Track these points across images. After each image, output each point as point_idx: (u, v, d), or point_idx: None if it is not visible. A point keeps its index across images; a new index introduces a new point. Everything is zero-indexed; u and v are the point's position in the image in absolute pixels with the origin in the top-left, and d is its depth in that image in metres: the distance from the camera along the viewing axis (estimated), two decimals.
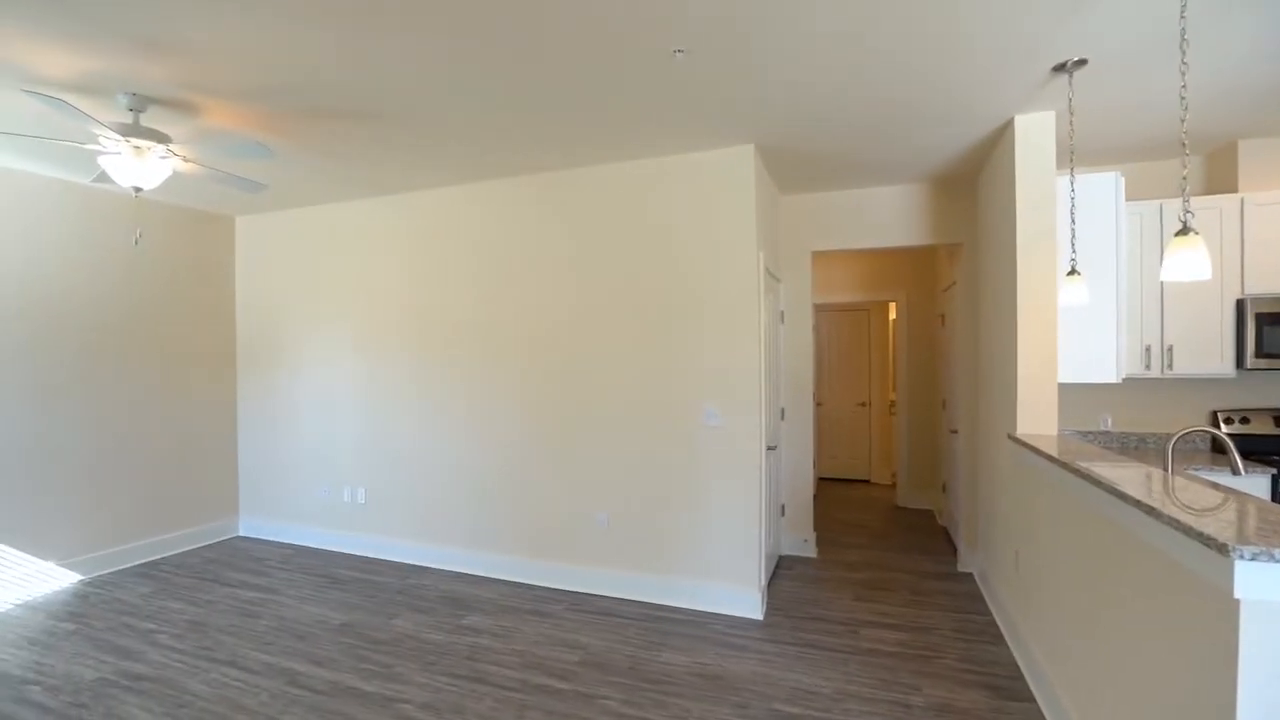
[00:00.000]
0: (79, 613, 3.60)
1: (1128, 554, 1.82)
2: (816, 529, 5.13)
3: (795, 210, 4.62)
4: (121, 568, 4.33)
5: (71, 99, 2.76)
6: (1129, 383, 3.77)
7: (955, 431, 4.61)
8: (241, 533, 5.15)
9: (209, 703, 2.68)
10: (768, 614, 3.58)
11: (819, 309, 7.25)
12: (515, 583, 4.08)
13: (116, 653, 3.12)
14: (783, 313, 4.64)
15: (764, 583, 3.66)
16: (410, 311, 4.48)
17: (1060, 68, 2.54)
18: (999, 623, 3.39)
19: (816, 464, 6.96)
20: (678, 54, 2.48)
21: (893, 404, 7.16)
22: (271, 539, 5.01)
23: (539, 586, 4.02)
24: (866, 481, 7.36)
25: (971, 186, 4.22)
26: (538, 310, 4.08)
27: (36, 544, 3.91)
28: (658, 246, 3.77)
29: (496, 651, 3.14)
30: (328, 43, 2.35)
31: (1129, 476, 1.93)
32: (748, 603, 3.54)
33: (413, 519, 4.47)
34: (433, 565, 4.38)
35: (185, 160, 2.98)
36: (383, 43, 2.36)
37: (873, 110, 3.03)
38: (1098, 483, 1.91)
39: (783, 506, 4.64)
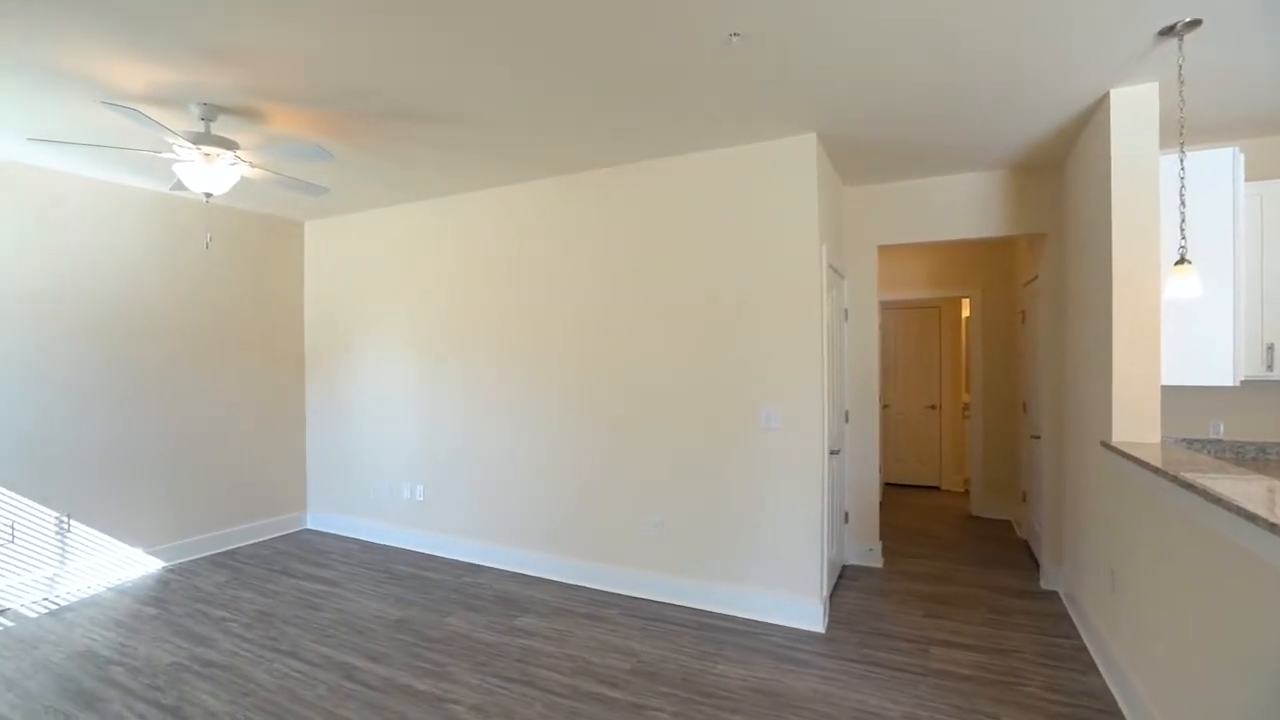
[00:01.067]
0: (161, 598, 3.80)
1: (1250, 580, 1.57)
2: (883, 538, 4.87)
3: (860, 202, 4.39)
4: (200, 556, 4.56)
5: (148, 110, 2.89)
6: (1247, 385, 3.36)
7: (1037, 437, 4.26)
8: (310, 525, 5.35)
9: (271, 693, 2.75)
10: (830, 627, 3.39)
11: (885, 306, 6.92)
12: (569, 584, 4.04)
13: (191, 639, 3.26)
14: (846, 310, 4.42)
15: (826, 593, 3.47)
16: (464, 312, 4.52)
17: (1168, 31, 2.26)
18: (1090, 649, 3.08)
19: (883, 469, 6.65)
20: (734, 38, 2.35)
21: (966, 406, 6.75)
22: (337, 532, 5.17)
23: (592, 589, 3.96)
24: (936, 488, 6.97)
25: (1057, 171, 3.88)
26: (591, 309, 4.02)
27: (126, 532, 4.16)
28: (714, 243, 3.64)
29: (548, 655, 3.10)
30: (383, 46, 2.35)
31: (1251, 491, 1.68)
32: (809, 614, 3.37)
33: (468, 517, 4.51)
34: (487, 564, 4.40)
35: (252, 166, 3.08)
36: (436, 42, 2.34)
37: (949, 94, 2.81)
38: (1213, 498, 1.67)
39: (846, 514, 4.42)
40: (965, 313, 6.92)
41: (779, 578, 3.46)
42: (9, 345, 3.66)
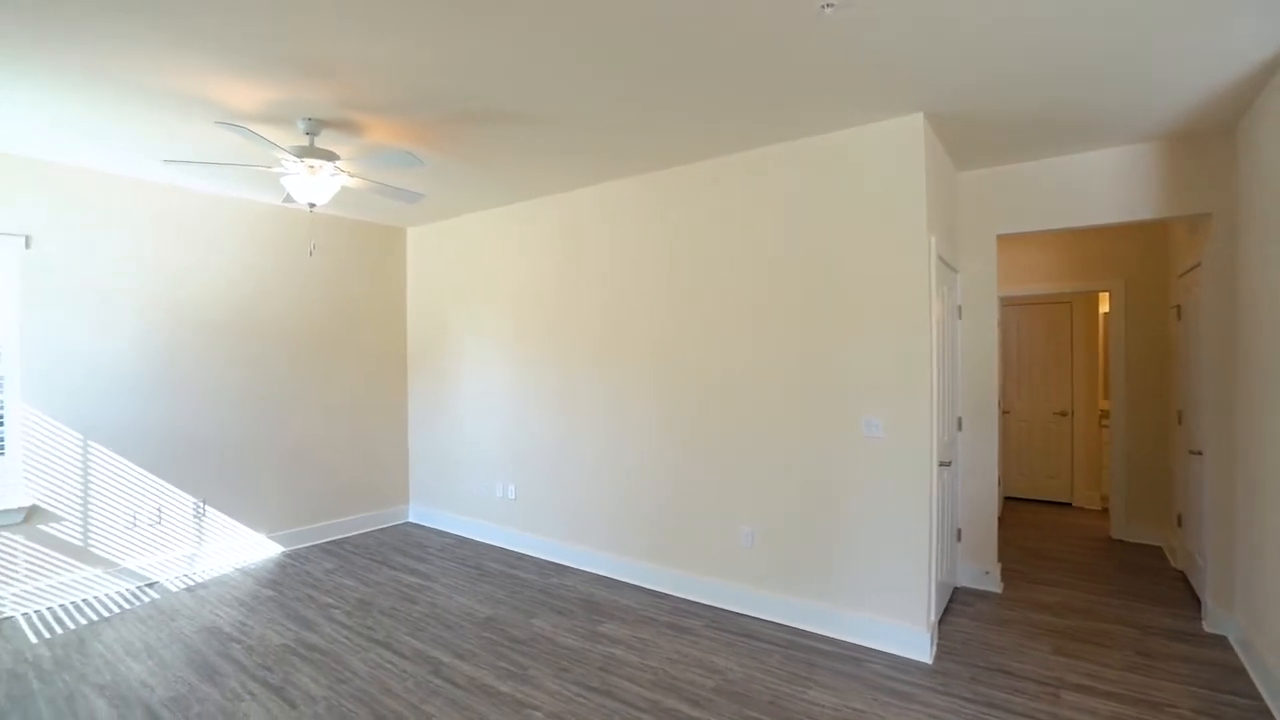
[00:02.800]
0: (277, 581, 4.10)
1: None
2: (1002, 559, 4.39)
3: (976, 188, 3.96)
4: (313, 543, 4.90)
5: (260, 128, 3.09)
6: None
7: (1198, 453, 3.65)
8: (411, 519, 5.61)
9: (364, 682, 2.85)
10: (938, 657, 3.06)
11: (1007, 302, 6.28)
12: (654, 591, 3.94)
13: (299, 623, 3.47)
14: (960, 307, 4.00)
15: (934, 619, 3.14)
16: (553, 313, 4.55)
17: None
18: (1275, 713, 2.56)
19: (1002, 482, 6.04)
20: (825, 9, 2.14)
21: (1104, 414, 5.98)
22: (435, 527, 5.39)
23: (678, 598, 3.84)
24: (1067, 505, 6.23)
25: (1225, 139, 3.29)
26: (682, 310, 3.90)
27: (251, 518, 4.54)
28: (809, 237, 3.40)
29: (630, 665, 3.01)
30: (470, 49, 2.36)
31: None
32: (913, 641, 3.06)
33: (557, 518, 4.53)
34: (574, 565, 4.40)
35: (351, 176, 3.22)
36: (522, 42, 2.31)
37: (1091, 56, 2.42)
38: None
39: (959, 531, 4.01)
40: (1104, 308, 6.14)
41: (880, 598, 3.17)
42: (151, 348, 4.08)
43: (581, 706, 2.65)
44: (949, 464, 3.44)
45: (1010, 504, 6.29)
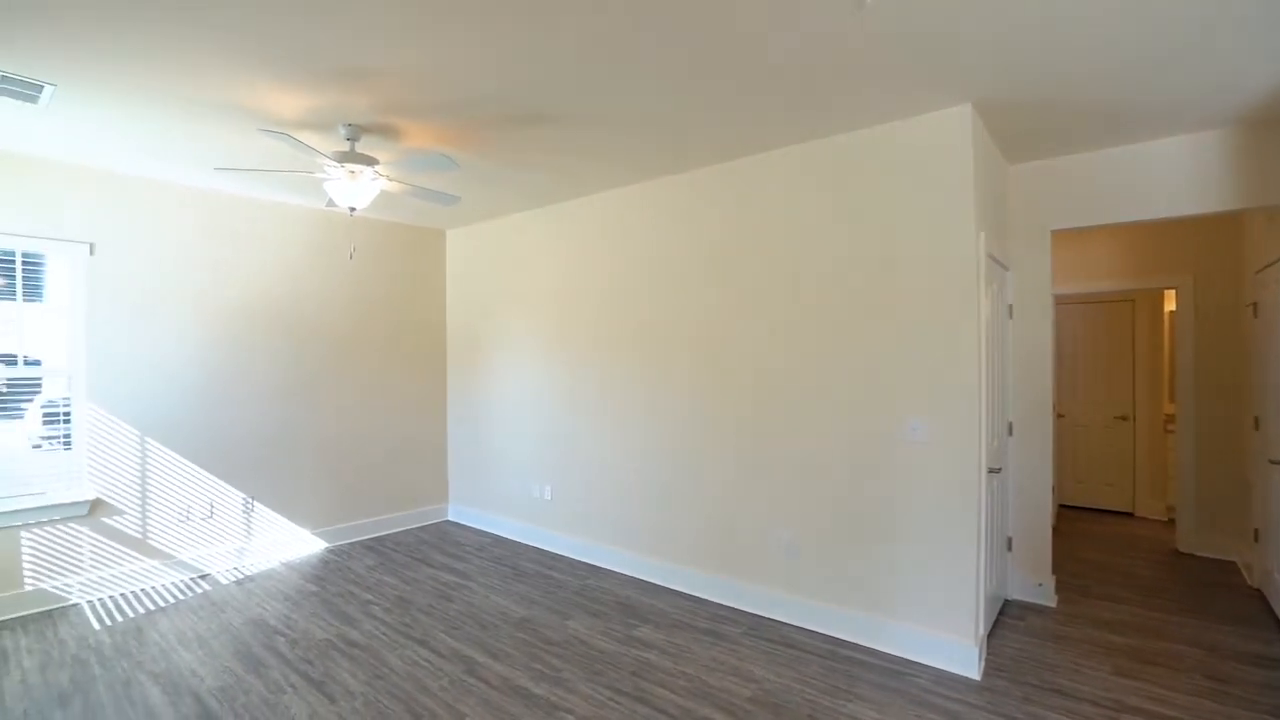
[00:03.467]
0: (321, 576, 4.21)
1: None
2: (1056, 571, 4.18)
3: (1028, 181, 3.77)
4: (355, 540, 5.01)
5: (303, 135, 3.17)
6: None
7: (1279, 462, 3.39)
8: (450, 518, 5.69)
9: (400, 678, 2.89)
10: (987, 674, 2.92)
11: (1062, 301, 5.99)
12: (691, 596, 3.89)
13: (340, 618, 3.54)
14: (1011, 306, 3.82)
15: (982, 633, 3.00)
16: (589, 315, 4.54)
17: None
18: None
19: (1057, 490, 5.76)
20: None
21: (1169, 419, 5.65)
22: (474, 526, 5.45)
23: (715, 603, 3.77)
24: (1129, 514, 5.90)
25: None
26: (720, 310, 3.84)
27: (296, 514, 4.68)
28: (850, 235, 3.30)
29: (664, 671, 2.97)
30: (505, 52, 2.36)
31: None
32: (960, 656, 2.92)
33: (593, 519, 4.52)
34: (610, 567, 4.38)
35: (390, 180, 3.27)
36: (563, 43, 2.30)
37: (1163, 33, 2.27)
38: None
39: (1009, 540, 3.83)
40: (1169, 306, 5.79)
41: (924, 609, 3.04)
42: (203, 349, 4.24)
43: (614, 712, 2.62)
44: (999, 470, 3.28)
45: (1066, 513, 5.99)
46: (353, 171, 3.12)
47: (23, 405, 3.66)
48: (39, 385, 3.69)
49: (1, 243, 3.52)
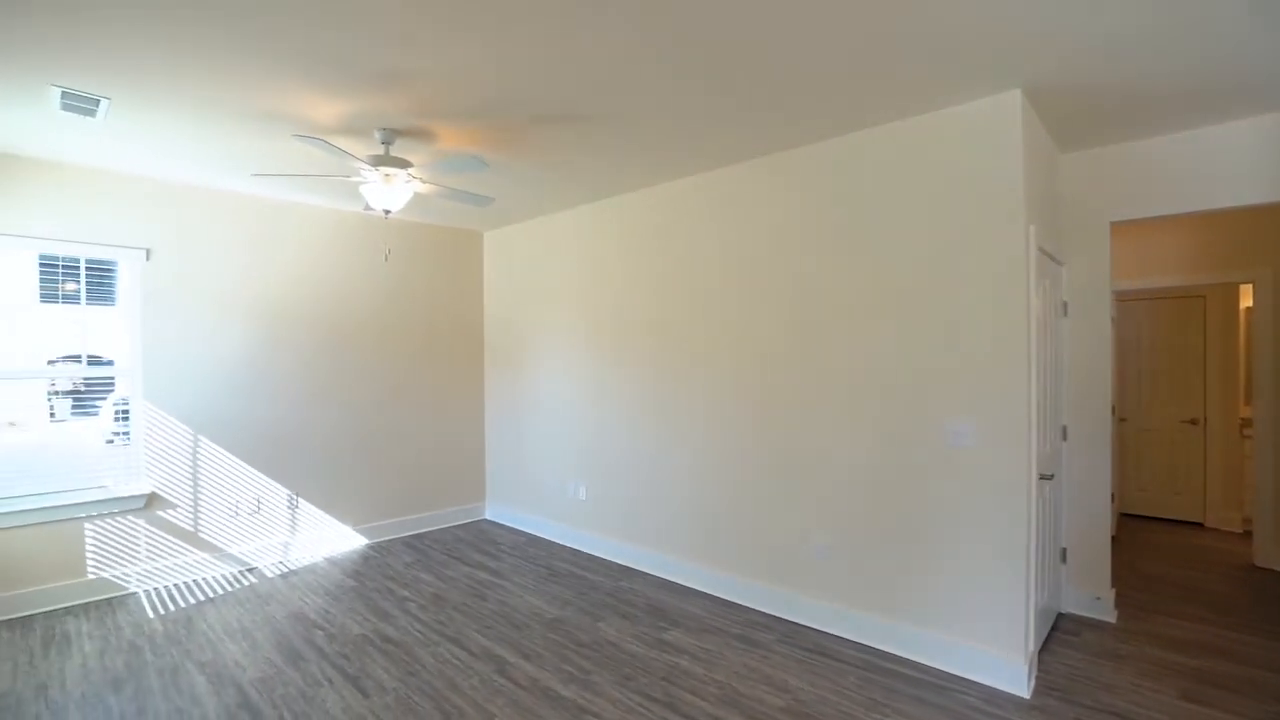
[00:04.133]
0: (360, 572, 4.30)
1: None
2: (1116, 584, 3.94)
3: (1084, 170, 3.56)
4: (395, 536, 5.11)
5: (340, 140, 3.24)
6: None
7: None
8: (488, 516, 5.75)
9: (431, 676, 2.92)
10: (1037, 692, 2.76)
11: (1123, 297, 5.66)
12: (724, 600, 3.82)
13: (377, 614, 3.61)
14: (1065, 304, 3.62)
15: (1032, 648, 2.84)
16: (623, 313, 4.51)
17: None
18: None
19: (1118, 498, 5.44)
20: None
21: (1245, 422, 5.26)
22: (510, 525, 5.49)
23: (748, 608, 3.69)
24: (1198, 525, 5.52)
25: None
26: (757, 309, 3.76)
27: (338, 510, 4.80)
28: (891, 230, 3.17)
29: (695, 678, 2.91)
30: (538, 52, 2.35)
31: None
32: (1007, 672, 2.77)
33: (626, 520, 4.49)
34: (643, 569, 4.34)
35: (423, 182, 3.31)
36: (600, 42, 2.27)
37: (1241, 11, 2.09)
38: None
39: (1063, 550, 3.62)
40: (1245, 302, 5.40)
41: (969, 621, 2.90)
42: (250, 349, 4.39)
43: (641, 718, 2.58)
44: (1051, 477, 3.10)
45: (1127, 522, 5.65)
46: (387, 175, 3.17)
47: (98, 403, 3.88)
48: (112, 384, 3.91)
49: (72, 250, 3.72)
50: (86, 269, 3.81)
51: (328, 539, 4.73)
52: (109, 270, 3.89)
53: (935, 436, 3.01)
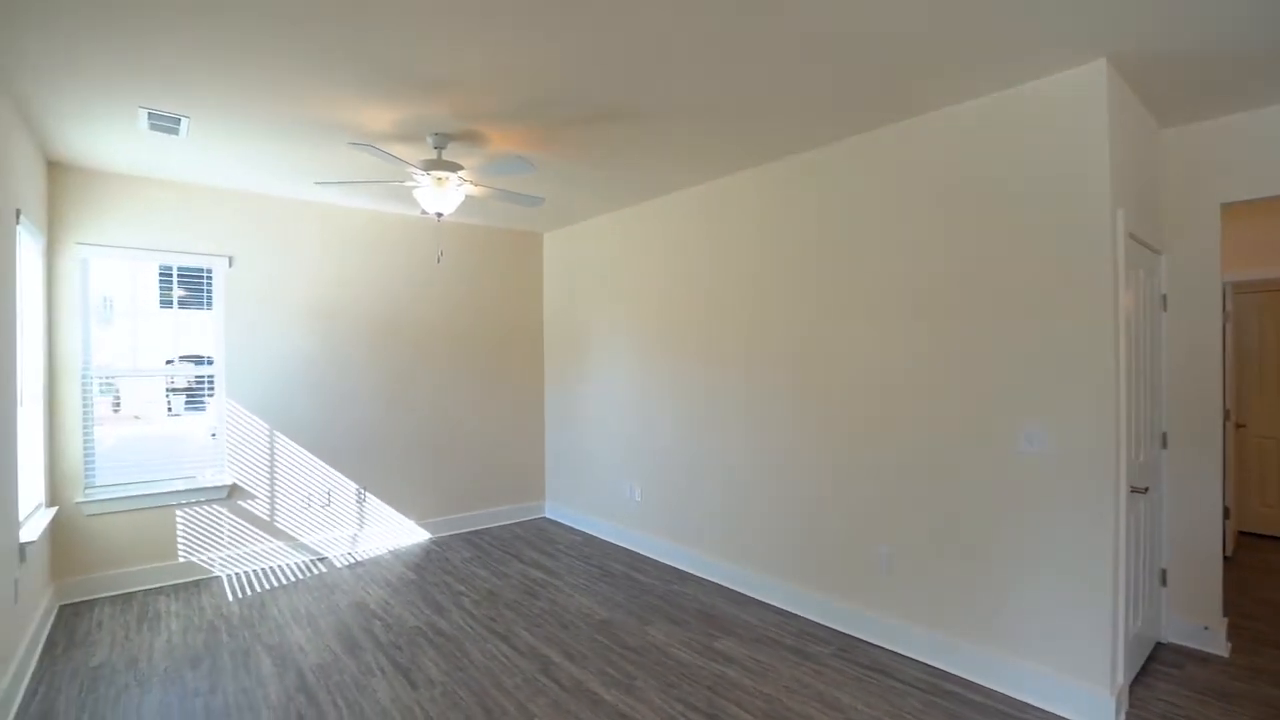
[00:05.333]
0: (421, 565, 4.44)
1: None
2: (1229, 612, 3.50)
3: (1188, 146, 3.18)
4: (456, 532, 5.25)
5: (394, 146, 3.34)
6: None
7: None
8: (547, 515, 5.82)
9: (478, 672, 2.95)
10: None
11: (1239, 289, 5.05)
12: (779, 609, 3.67)
13: (432, 607, 3.71)
14: (1164, 296, 3.25)
15: (1122, 681, 2.55)
16: (680, 312, 4.44)
17: None
18: None
19: (1234, 514, 4.86)
20: None
21: None
22: (568, 524, 5.53)
23: (804, 619, 3.53)
24: None
25: None
26: (815, 308, 3.60)
27: (403, 505, 4.99)
28: (956, 221, 2.95)
29: (742, 689, 2.80)
30: (593, 45, 2.32)
31: None
32: (1091, 705, 2.50)
33: (681, 522, 4.41)
34: (697, 573, 4.25)
35: (474, 185, 3.37)
36: (650, 31, 2.23)
37: None
38: None
39: (1163, 572, 3.25)
40: None
41: (1047, 646, 2.64)
42: (320, 349, 4.62)
43: None
44: (1145, 489, 2.77)
45: (1247, 541, 5.03)
46: (439, 178, 3.25)
47: (206, 400, 4.21)
48: (214, 383, 4.25)
49: (171, 259, 4.06)
50: (190, 276, 4.15)
51: (393, 533, 4.92)
52: (205, 277, 4.21)
53: (1009, 443, 2.76)
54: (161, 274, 4.10)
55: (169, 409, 4.16)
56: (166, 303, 4.12)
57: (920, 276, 3.08)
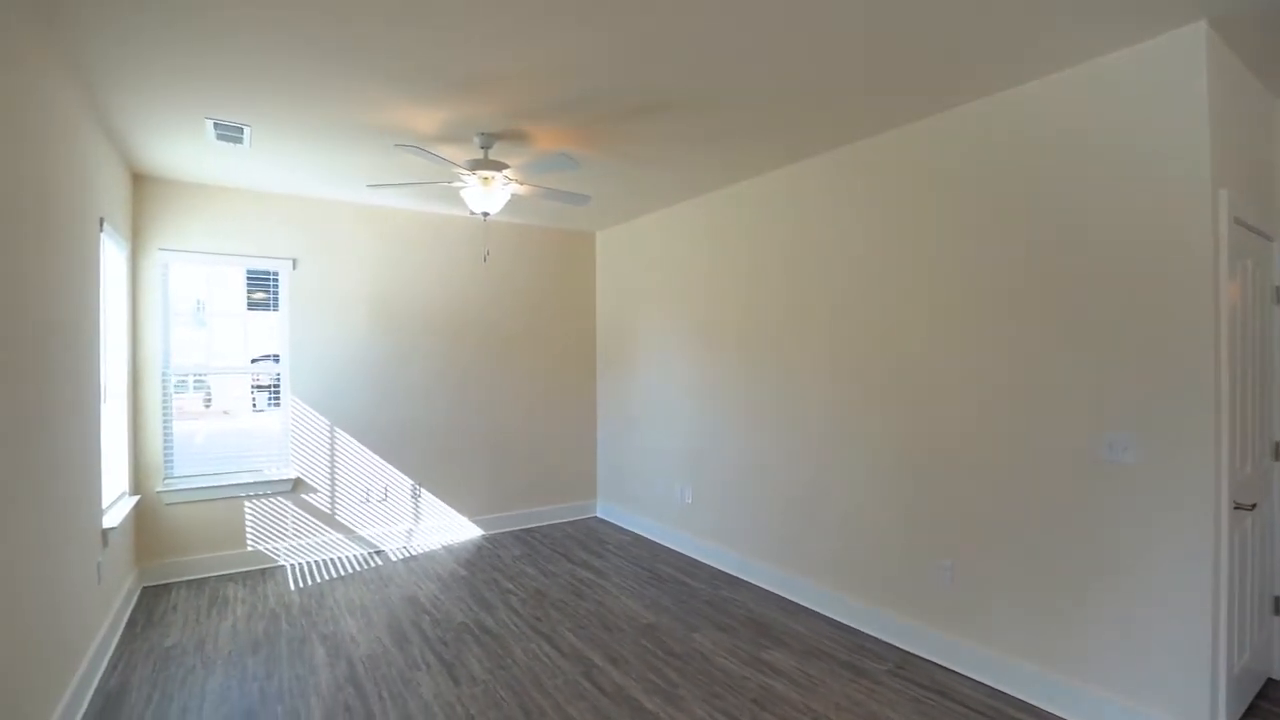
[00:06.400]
0: (472, 562, 4.50)
1: None
2: None
3: None
4: (507, 529, 5.31)
5: (443, 148, 3.38)
6: None
7: None
8: (599, 514, 5.80)
9: (520, 671, 2.94)
10: None
11: None
12: (833, 620, 3.50)
13: (480, 604, 3.74)
14: (1278, 289, 2.88)
15: (1223, 719, 2.27)
16: (731, 312, 4.32)
17: None
18: None
19: None
20: None
21: None
22: (619, 524, 5.49)
23: (860, 632, 3.35)
24: None
25: None
26: (873, 304, 3.42)
27: (457, 501, 5.08)
28: (1030, 208, 2.72)
29: (789, 704, 2.67)
30: (636, 34, 2.27)
31: None
32: None
33: (733, 526, 4.29)
34: (748, 579, 4.11)
35: (521, 184, 3.37)
36: (694, 16, 2.17)
37: None
38: None
39: (1275, 600, 2.88)
40: None
41: (1131, 676, 2.38)
42: (378, 349, 4.77)
43: None
44: (1252, 506, 2.46)
45: None
46: (485, 178, 3.26)
47: (279, 397, 4.44)
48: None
49: (241, 263, 4.28)
50: (260, 279, 4.37)
51: (446, 528, 5.02)
52: (272, 279, 4.42)
53: (1090, 451, 2.51)
54: (250, 277, 4.34)
55: (254, 405, 4.40)
56: (252, 305, 4.36)
57: (993, 271, 2.85)
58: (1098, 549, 2.48)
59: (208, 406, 4.30)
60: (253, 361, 4.38)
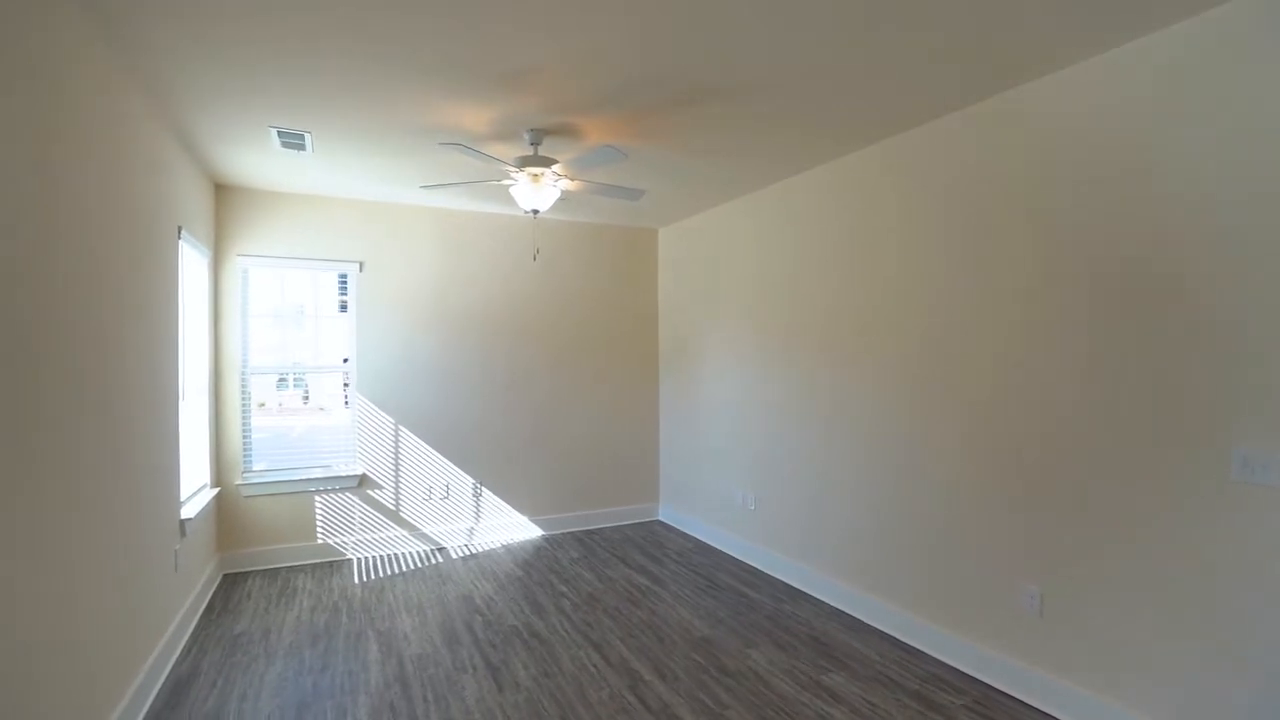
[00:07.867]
0: (529, 563, 4.48)
1: None
2: None
3: None
4: (568, 530, 5.27)
5: (493, 146, 3.36)
6: None
7: None
8: (661, 518, 5.67)
9: (565, 680, 2.86)
10: None
11: None
12: (904, 644, 3.21)
13: (533, 607, 3.70)
14: None
15: None
16: (800, 310, 4.08)
17: None
18: None
19: None
20: None
21: None
22: (680, 528, 5.34)
23: (933, 658, 3.05)
24: None
25: None
26: (951, 301, 3.11)
27: (517, 501, 5.09)
28: (1118, 188, 2.35)
29: None
30: (680, 22, 2.15)
31: None
32: None
33: (798, 536, 4.05)
34: (812, 592, 3.86)
35: (571, 180, 3.29)
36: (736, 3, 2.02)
37: None
38: None
39: None
40: None
41: None
42: (440, 349, 4.84)
43: None
44: None
45: None
46: (534, 175, 3.21)
47: (348, 395, 4.63)
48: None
49: (314, 266, 4.47)
50: (336, 282, 4.56)
51: (507, 527, 5.05)
52: (342, 281, 4.59)
53: (1214, 469, 2.13)
54: (322, 281, 4.54)
55: (345, 402, 4.59)
56: (342, 306, 4.55)
57: (1090, 259, 2.50)
58: (1225, 578, 2.09)
59: (305, 402, 4.55)
60: (344, 360, 4.56)
